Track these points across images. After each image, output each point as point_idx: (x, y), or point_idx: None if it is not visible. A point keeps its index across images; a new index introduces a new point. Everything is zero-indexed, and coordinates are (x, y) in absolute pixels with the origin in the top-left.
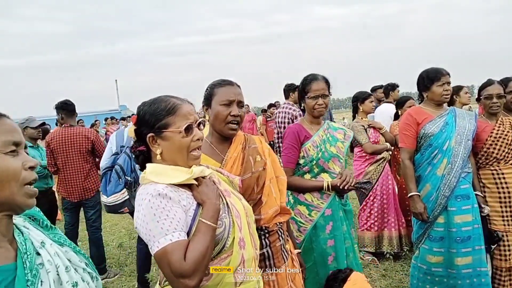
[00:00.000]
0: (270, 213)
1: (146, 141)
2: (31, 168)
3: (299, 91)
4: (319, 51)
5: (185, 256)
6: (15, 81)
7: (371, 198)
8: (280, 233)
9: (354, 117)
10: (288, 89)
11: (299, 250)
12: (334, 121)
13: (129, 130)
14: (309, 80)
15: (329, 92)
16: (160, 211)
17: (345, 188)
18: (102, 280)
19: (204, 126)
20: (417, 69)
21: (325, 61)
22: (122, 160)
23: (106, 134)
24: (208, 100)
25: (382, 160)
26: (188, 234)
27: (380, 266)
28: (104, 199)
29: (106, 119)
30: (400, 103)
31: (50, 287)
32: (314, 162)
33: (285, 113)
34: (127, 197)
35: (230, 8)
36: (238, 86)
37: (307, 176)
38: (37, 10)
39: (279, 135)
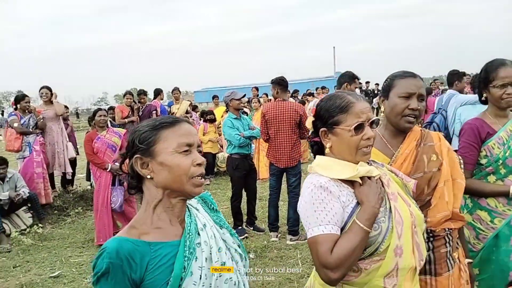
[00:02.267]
0: (438, 217)
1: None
2: (199, 164)
3: (480, 79)
4: None
5: (332, 249)
6: (248, 52)
7: None
8: (448, 239)
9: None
10: (453, 76)
11: (470, 260)
12: None
13: (307, 122)
14: (495, 66)
15: None
16: (319, 202)
17: None
18: (293, 241)
19: (377, 125)
20: None
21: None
22: (438, 119)
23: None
24: (386, 91)
25: None
26: (343, 229)
27: None
28: None
29: (317, 89)
30: None
31: (202, 263)
32: (500, 162)
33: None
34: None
35: None
36: (421, 78)
37: (492, 178)
38: None
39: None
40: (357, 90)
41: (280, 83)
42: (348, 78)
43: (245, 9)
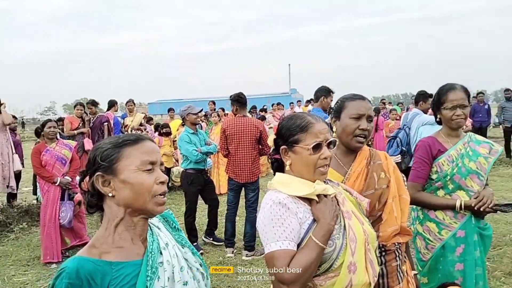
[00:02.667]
0: (389, 231)
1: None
2: (162, 183)
3: (434, 102)
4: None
5: (289, 264)
6: (205, 65)
7: None
8: (397, 254)
9: None
10: (419, 96)
11: (416, 272)
12: None
13: (269, 139)
14: (445, 90)
15: (468, 102)
16: (277, 218)
17: (481, 209)
18: (249, 257)
19: (334, 145)
20: None
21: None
22: (401, 135)
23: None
24: (338, 113)
25: None
26: (299, 245)
27: None
28: None
29: (273, 105)
30: None
31: (164, 283)
32: (448, 178)
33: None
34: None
35: None
36: (369, 101)
37: (440, 192)
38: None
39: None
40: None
41: (239, 100)
42: (325, 92)
43: (204, 22)
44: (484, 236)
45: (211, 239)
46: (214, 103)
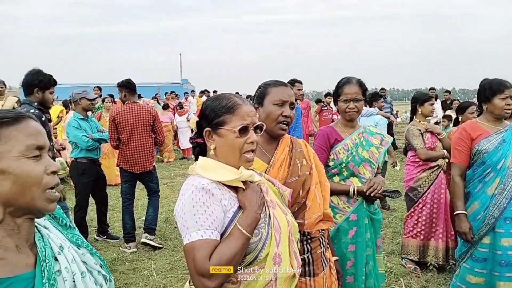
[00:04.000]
0: (313, 218)
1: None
2: (53, 172)
3: (333, 94)
4: (388, 39)
5: (211, 256)
6: (86, 48)
7: (420, 205)
8: (321, 240)
9: (411, 119)
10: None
11: (337, 258)
12: (396, 115)
13: (191, 121)
14: (342, 83)
15: (363, 96)
16: (199, 205)
17: (371, 195)
18: (149, 240)
19: (262, 130)
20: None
21: (394, 50)
22: None
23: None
24: (260, 99)
25: (437, 167)
26: (223, 234)
27: (422, 276)
28: None
29: (166, 93)
30: (462, 109)
31: None
32: (344, 165)
33: None
34: None
35: None
36: (291, 87)
37: (336, 178)
38: None
39: None
40: None
41: (127, 86)
42: (292, 80)
43: (80, 1)
44: (374, 220)
45: (105, 237)
46: (100, 88)
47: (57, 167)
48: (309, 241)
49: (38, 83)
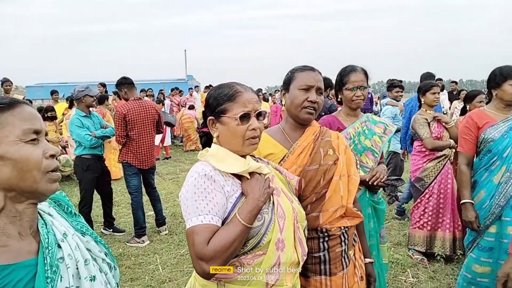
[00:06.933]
0: (330, 211)
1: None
2: (52, 156)
3: (336, 82)
4: (393, 31)
5: (209, 240)
6: (92, 46)
7: (427, 196)
8: (343, 238)
9: (419, 108)
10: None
11: (372, 260)
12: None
13: (197, 112)
14: (347, 71)
15: (367, 84)
16: (200, 191)
17: (374, 184)
18: (166, 231)
19: (265, 117)
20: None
21: (398, 42)
22: None
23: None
24: (286, 85)
25: (443, 157)
26: (226, 219)
27: (429, 267)
28: None
29: (172, 90)
30: (469, 98)
31: (69, 283)
32: None
33: None
34: None
35: None
36: (319, 72)
37: None
38: None
39: None
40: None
41: (124, 82)
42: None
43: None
44: (377, 210)
45: (111, 230)
46: (104, 85)
47: (56, 150)
48: (327, 238)
49: None
